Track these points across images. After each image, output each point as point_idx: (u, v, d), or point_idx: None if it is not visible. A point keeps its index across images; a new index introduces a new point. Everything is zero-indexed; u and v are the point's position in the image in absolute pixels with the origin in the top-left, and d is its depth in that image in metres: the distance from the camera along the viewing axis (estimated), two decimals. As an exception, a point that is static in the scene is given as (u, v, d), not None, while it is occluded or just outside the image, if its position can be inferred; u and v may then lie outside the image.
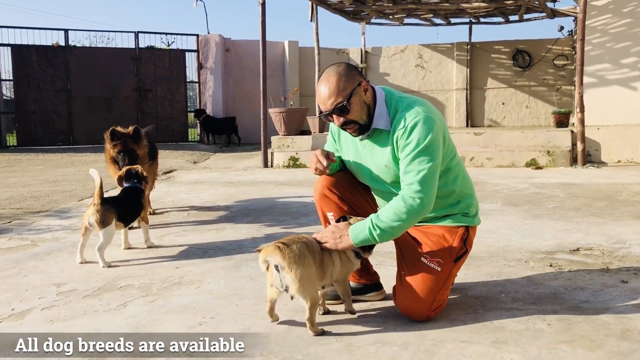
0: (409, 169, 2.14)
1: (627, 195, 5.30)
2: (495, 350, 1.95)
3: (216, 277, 2.93)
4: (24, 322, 2.35)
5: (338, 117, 2.21)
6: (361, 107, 2.21)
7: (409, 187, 2.13)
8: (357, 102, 2.19)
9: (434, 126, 2.15)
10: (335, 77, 2.18)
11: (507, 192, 5.74)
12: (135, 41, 13.11)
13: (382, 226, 2.12)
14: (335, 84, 2.17)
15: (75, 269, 3.18)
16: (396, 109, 2.22)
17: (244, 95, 13.83)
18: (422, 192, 2.11)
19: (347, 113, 2.19)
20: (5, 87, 13.42)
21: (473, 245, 2.42)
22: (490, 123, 12.79)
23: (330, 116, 2.23)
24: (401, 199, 2.13)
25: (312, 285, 2.08)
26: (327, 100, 2.18)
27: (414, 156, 2.13)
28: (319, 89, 2.22)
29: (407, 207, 2.11)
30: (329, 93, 2.17)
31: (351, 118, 2.20)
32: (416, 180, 2.11)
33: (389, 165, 2.23)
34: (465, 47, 12.80)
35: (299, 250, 2.06)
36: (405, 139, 2.15)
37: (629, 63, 8.85)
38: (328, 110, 2.20)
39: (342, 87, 2.17)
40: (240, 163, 9.82)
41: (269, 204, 5.32)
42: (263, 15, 9.13)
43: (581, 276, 2.79)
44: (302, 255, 2.06)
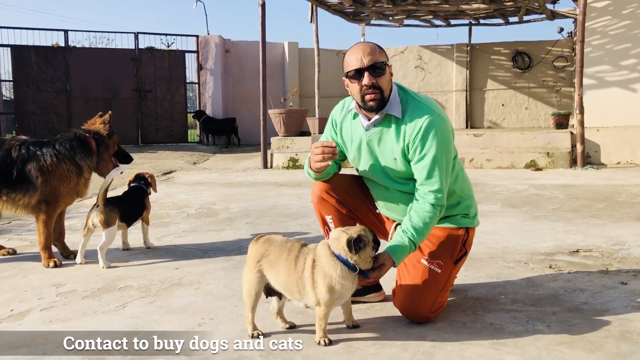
0: (430, 174, 2.14)
1: (627, 197, 5.30)
2: (494, 351, 1.95)
3: (215, 278, 2.93)
4: (23, 323, 2.35)
5: (370, 77, 2.17)
6: (389, 82, 2.22)
7: (434, 193, 2.14)
8: (388, 74, 2.22)
9: (447, 127, 2.19)
10: (374, 44, 2.22)
11: (507, 193, 5.74)
12: (135, 42, 13.12)
13: (422, 238, 2.16)
14: (375, 47, 2.20)
15: (75, 269, 3.18)
16: (407, 102, 2.23)
17: (243, 96, 13.83)
18: (442, 191, 2.16)
19: (381, 74, 2.18)
20: (5, 87, 13.42)
21: (472, 247, 2.42)
22: (490, 124, 12.79)
23: (361, 74, 2.18)
24: (429, 206, 2.15)
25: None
26: (367, 56, 2.16)
27: (432, 161, 2.14)
28: (355, 50, 2.20)
29: (436, 211, 2.16)
30: (370, 50, 2.17)
31: (380, 84, 2.19)
32: (437, 184, 2.15)
33: (397, 159, 2.23)
34: (465, 48, 12.81)
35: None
36: (421, 141, 2.14)
37: (629, 65, 8.86)
38: (364, 66, 2.16)
39: (381, 51, 2.21)
40: (240, 164, 9.82)
41: (268, 205, 5.32)
42: (263, 16, 9.13)
43: (581, 278, 2.80)
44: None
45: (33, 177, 3.17)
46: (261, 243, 2.12)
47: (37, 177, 3.18)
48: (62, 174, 3.23)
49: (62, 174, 3.23)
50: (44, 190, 3.20)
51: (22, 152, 3.20)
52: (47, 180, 3.19)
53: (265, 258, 2.07)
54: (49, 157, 3.21)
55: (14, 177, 3.16)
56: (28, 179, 3.17)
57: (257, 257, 2.08)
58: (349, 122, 2.36)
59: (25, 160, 3.18)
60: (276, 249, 2.08)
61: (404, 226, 2.17)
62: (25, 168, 3.17)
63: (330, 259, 1.97)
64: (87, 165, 3.34)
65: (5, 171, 3.16)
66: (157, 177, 7.95)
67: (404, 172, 2.24)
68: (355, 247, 1.94)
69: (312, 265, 1.99)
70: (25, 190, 3.18)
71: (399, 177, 2.27)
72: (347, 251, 1.95)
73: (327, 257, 1.98)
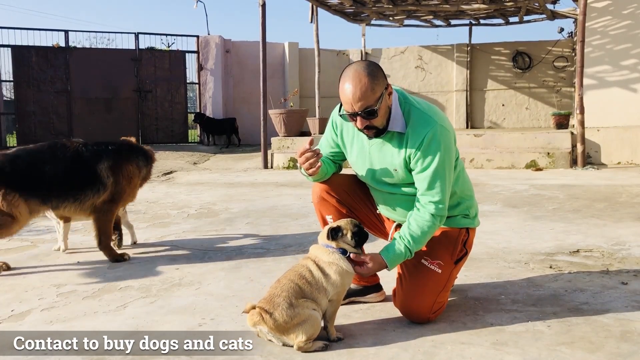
0: (432, 185, 2.14)
1: (627, 197, 5.30)
2: (495, 351, 1.95)
3: (216, 278, 2.93)
4: (24, 323, 2.35)
5: (363, 120, 2.12)
6: (385, 112, 2.15)
7: (435, 204, 2.14)
8: (384, 107, 2.12)
9: (449, 138, 2.17)
10: (366, 78, 2.06)
11: (507, 193, 5.74)
12: (135, 42, 13.11)
13: (418, 246, 2.18)
14: (367, 86, 2.06)
15: (75, 269, 3.18)
16: (409, 113, 2.19)
17: (243, 96, 13.83)
18: (443, 202, 2.16)
19: (374, 117, 2.12)
20: (5, 88, 13.40)
21: (473, 247, 2.42)
22: (490, 124, 12.79)
23: (353, 117, 2.14)
24: (429, 215, 2.14)
25: (312, 326, 1.97)
26: (357, 102, 2.06)
27: (434, 173, 2.13)
28: (346, 87, 2.09)
29: (436, 221, 2.16)
30: (360, 95, 2.06)
31: (375, 124, 2.14)
32: (438, 195, 2.14)
33: (398, 170, 2.21)
34: (465, 48, 12.80)
35: (285, 313, 1.93)
36: (424, 153, 2.13)
37: (629, 65, 8.86)
38: (355, 112, 2.11)
39: (373, 89, 2.07)
40: (240, 164, 9.82)
41: (269, 205, 5.32)
42: (263, 16, 9.13)
43: (581, 278, 2.79)
44: (290, 315, 1.93)
45: (104, 176, 3.28)
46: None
47: (107, 176, 3.29)
48: (129, 174, 3.39)
49: (128, 174, 3.39)
50: (113, 190, 3.31)
51: (90, 153, 3.29)
52: (117, 180, 3.32)
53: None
54: (118, 158, 3.35)
55: (86, 178, 3.25)
56: (99, 179, 3.27)
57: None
58: (350, 124, 2.35)
59: (96, 161, 3.28)
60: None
61: (401, 232, 2.18)
62: (97, 168, 3.27)
63: (324, 250, 2.12)
64: (145, 171, 3.53)
65: (79, 172, 3.24)
66: (157, 177, 7.96)
67: (404, 179, 2.23)
68: (333, 235, 2.11)
69: (316, 266, 2.08)
70: (96, 190, 3.26)
71: (397, 185, 2.27)
72: (329, 241, 2.12)
73: (321, 250, 2.13)
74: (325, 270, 2.07)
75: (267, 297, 2.00)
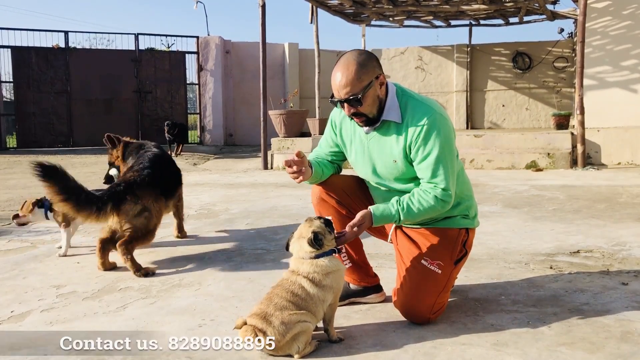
0: (435, 173, 2.14)
1: (627, 198, 5.30)
2: (495, 352, 1.95)
3: (216, 279, 2.93)
4: (24, 324, 2.35)
5: (349, 108, 2.17)
6: (373, 102, 2.17)
7: (441, 190, 2.14)
8: (371, 96, 2.15)
9: (448, 126, 2.19)
10: (354, 66, 2.11)
11: (507, 194, 5.73)
12: (135, 43, 13.12)
13: (409, 218, 2.17)
14: (353, 74, 2.11)
15: (75, 270, 3.18)
16: (407, 104, 2.21)
17: (243, 97, 13.85)
18: (449, 189, 2.15)
19: (359, 105, 2.15)
20: (5, 88, 13.41)
21: (473, 247, 2.42)
22: (490, 125, 12.79)
23: (341, 104, 2.18)
24: (433, 197, 2.14)
25: (305, 333, 1.94)
26: (342, 89, 2.12)
27: (436, 160, 2.14)
28: (335, 75, 2.15)
29: (437, 205, 2.15)
30: (345, 82, 2.11)
31: (362, 111, 2.17)
32: (443, 182, 2.14)
33: (398, 161, 2.22)
34: (465, 49, 12.81)
35: (278, 331, 1.88)
36: (424, 140, 2.14)
37: (629, 65, 8.85)
38: (340, 99, 2.15)
39: (359, 78, 2.11)
40: (240, 165, 9.82)
41: (269, 206, 5.31)
42: (263, 17, 9.13)
43: (581, 278, 2.79)
44: (283, 333, 1.88)
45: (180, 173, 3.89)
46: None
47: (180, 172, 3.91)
48: None
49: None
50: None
51: (169, 156, 3.91)
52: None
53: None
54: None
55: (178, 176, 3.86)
56: (180, 175, 3.90)
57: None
58: (349, 123, 2.36)
59: (174, 161, 3.91)
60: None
61: (401, 199, 2.18)
62: (177, 167, 3.88)
63: (314, 262, 2.02)
64: None
65: (177, 173, 3.84)
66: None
67: (404, 173, 2.23)
68: (319, 242, 2.01)
69: (310, 283, 1.99)
70: (180, 183, 3.87)
71: (398, 179, 2.27)
72: (315, 250, 2.02)
73: (312, 264, 2.02)
74: (322, 283, 1.99)
75: (260, 313, 1.92)
